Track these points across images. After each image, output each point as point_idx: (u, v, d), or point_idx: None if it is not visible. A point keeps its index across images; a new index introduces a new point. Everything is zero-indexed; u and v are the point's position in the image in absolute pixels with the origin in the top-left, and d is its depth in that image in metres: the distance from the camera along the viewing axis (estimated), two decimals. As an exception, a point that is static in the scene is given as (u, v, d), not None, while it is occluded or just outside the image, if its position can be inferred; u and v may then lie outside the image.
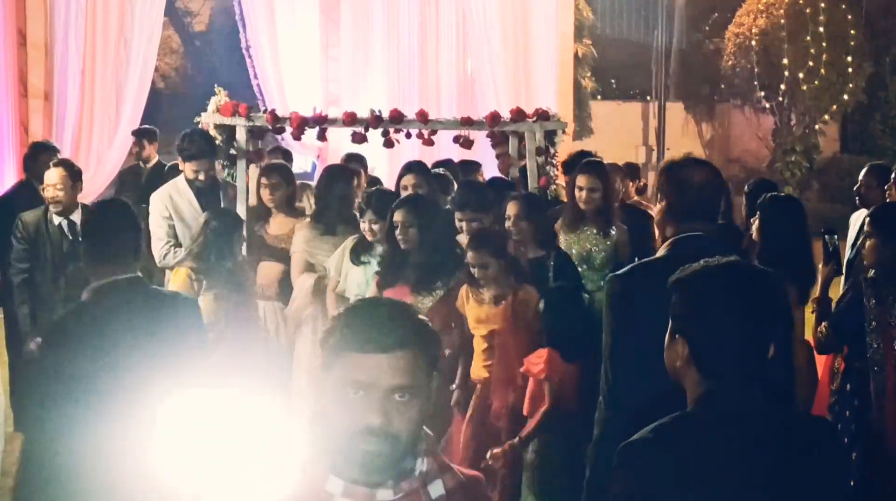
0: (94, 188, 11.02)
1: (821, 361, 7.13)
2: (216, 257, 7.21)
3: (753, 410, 3.18)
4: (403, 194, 8.92)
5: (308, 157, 14.18)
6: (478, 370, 6.83)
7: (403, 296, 6.47)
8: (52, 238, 7.92)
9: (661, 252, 4.46)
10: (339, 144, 9.55)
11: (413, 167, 8.81)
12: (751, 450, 3.10)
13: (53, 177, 7.94)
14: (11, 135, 12.29)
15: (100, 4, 13.05)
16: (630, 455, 3.18)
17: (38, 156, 9.81)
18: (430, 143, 9.03)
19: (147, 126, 12.53)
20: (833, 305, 6.70)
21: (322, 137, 9.11)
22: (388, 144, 8.79)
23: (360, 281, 7.34)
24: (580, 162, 8.31)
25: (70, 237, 7.96)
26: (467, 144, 9.16)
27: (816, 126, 20.90)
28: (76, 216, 7.97)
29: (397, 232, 6.94)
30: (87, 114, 12.95)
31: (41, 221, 7.91)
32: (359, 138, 8.76)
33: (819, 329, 6.64)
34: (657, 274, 4.15)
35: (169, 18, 24.38)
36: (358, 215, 7.53)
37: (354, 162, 9.31)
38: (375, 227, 7.27)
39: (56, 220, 7.95)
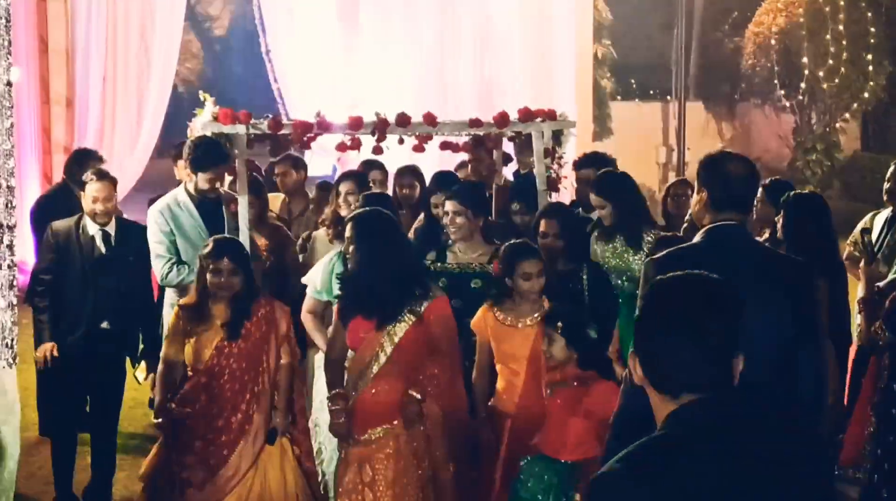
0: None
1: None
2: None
3: (726, 427, 2.92)
4: (401, 194, 8.91)
5: (329, 160, 14.20)
6: (509, 404, 6.27)
7: (373, 325, 5.87)
8: (83, 249, 7.44)
9: (697, 239, 4.71)
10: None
11: (411, 170, 8.92)
12: (727, 471, 2.86)
13: (103, 190, 7.45)
14: (34, 141, 12.35)
15: (120, 11, 13.12)
16: (603, 489, 2.92)
17: (84, 163, 9.83)
18: (420, 149, 8.53)
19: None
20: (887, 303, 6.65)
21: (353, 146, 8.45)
22: (376, 151, 8.34)
23: None
24: (589, 161, 8.40)
25: (104, 249, 7.50)
26: (456, 149, 9.04)
27: (837, 124, 20.85)
28: (111, 228, 7.54)
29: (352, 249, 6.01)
30: (108, 120, 13.01)
31: (73, 230, 7.46)
32: (343, 147, 8.39)
33: (873, 329, 6.61)
34: (692, 260, 4.42)
35: (189, 23, 24.47)
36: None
37: (374, 169, 8.98)
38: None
39: (91, 230, 7.47)
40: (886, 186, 7.74)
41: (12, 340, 3.15)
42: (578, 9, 15.78)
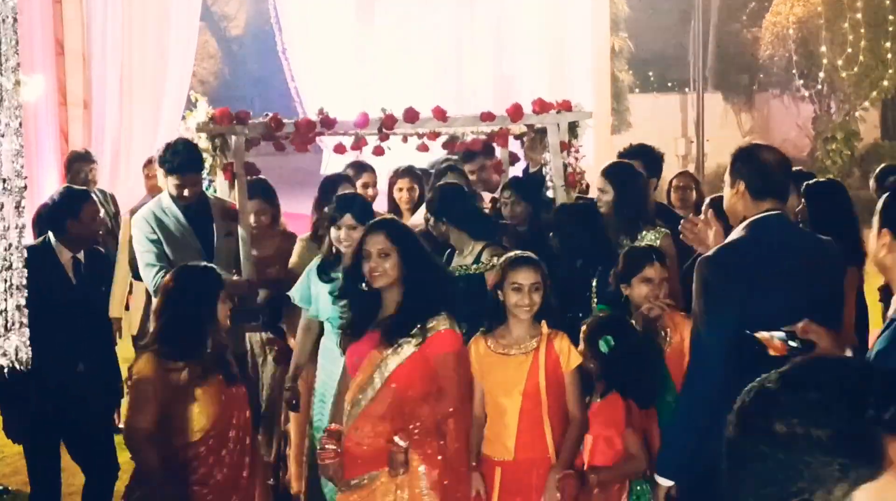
0: (132, 199, 11.04)
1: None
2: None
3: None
4: (398, 197, 8.35)
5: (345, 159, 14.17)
6: (499, 448, 5.50)
7: (368, 349, 5.27)
8: (53, 279, 6.52)
9: (740, 233, 4.73)
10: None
11: (409, 171, 8.40)
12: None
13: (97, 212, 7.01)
14: (51, 144, 12.38)
15: (136, 12, 13.12)
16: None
17: (71, 166, 9.88)
18: (425, 148, 8.29)
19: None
20: None
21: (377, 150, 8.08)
22: (377, 152, 7.94)
23: (327, 298, 6.21)
24: (634, 153, 7.81)
25: (74, 280, 6.71)
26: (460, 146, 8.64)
27: (856, 113, 20.76)
28: (81, 255, 6.78)
29: (370, 262, 5.23)
30: (126, 121, 13.03)
31: (43, 256, 6.46)
32: (342, 149, 8.09)
33: None
34: (744, 254, 4.51)
35: (205, 23, 24.50)
36: (326, 222, 6.51)
37: (365, 172, 8.39)
38: (355, 234, 5.98)
39: (63, 257, 6.65)
40: None
41: (24, 341, 3.15)
42: (595, 1, 15.75)
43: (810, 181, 7.27)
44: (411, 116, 7.76)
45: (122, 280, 8.57)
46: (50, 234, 6.66)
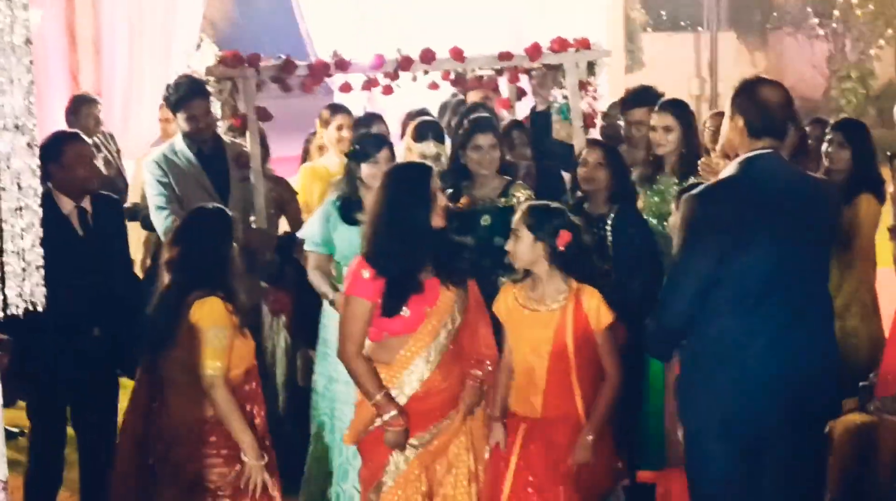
0: (143, 141, 10.95)
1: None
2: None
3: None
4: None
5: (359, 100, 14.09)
6: (527, 406, 5.46)
7: (436, 295, 5.20)
8: (58, 233, 5.51)
9: (733, 170, 4.67)
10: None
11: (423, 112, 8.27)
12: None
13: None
14: (62, 86, 12.32)
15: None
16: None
17: (78, 109, 9.74)
18: (435, 86, 8.18)
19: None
20: None
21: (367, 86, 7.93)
22: (386, 91, 7.76)
23: (352, 241, 6.07)
24: (640, 99, 7.62)
25: (81, 231, 6.20)
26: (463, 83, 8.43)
27: (872, 51, 20.62)
28: (87, 203, 6.27)
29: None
30: (136, 63, 12.93)
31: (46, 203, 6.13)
32: (348, 88, 7.92)
33: None
34: (733, 193, 4.50)
35: (215, -35, 24.36)
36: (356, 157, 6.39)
37: (336, 112, 8.23)
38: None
39: (65, 208, 6.15)
40: None
41: (40, 282, 3.15)
42: (607, -61, 15.60)
43: (837, 119, 7.40)
44: (428, 56, 7.63)
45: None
46: (49, 184, 5.92)
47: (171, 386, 5.33)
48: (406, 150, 7.23)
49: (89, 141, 7.09)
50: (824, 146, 7.39)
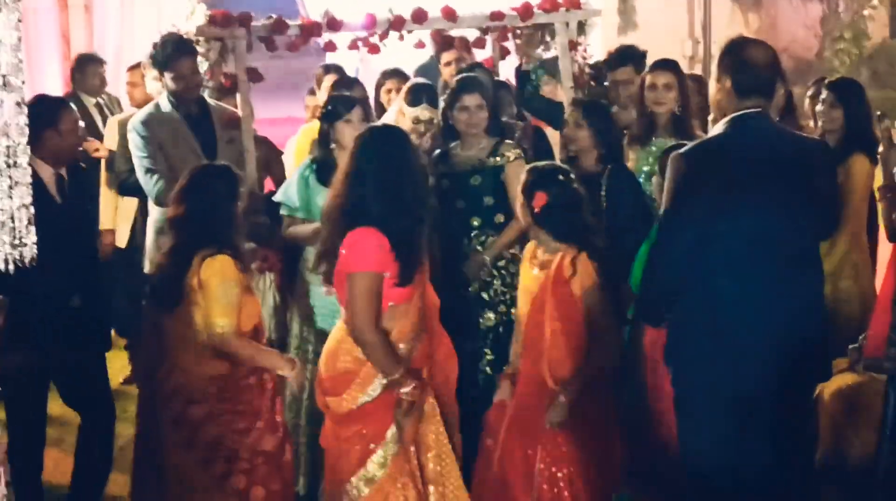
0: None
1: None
2: None
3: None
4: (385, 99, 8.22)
5: (351, 61, 14.02)
6: (520, 360, 5.72)
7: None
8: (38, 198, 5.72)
9: (720, 129, 4.73)
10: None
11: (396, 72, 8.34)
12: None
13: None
14: (53, 48, 12.23)
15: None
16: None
17: (84, 68, 9.65)
18: (422, 45, 8.33)
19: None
20: None
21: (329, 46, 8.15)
22: (373, 50, 7.80)
23: None
24: (624, 58, 7.76)
25: (59, 198, 6.02)
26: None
27: (865, 12, 20.52)
28: (64, 171, 6.12)
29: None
30: (128, 25, 12.85)
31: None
32: (333, 47, 8.07)
33: (895, 216, 6.59)
34: (721, 150, 4.51)
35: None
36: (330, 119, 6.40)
37: (395, 77, 8.39)
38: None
39: (44, 174, 5.92)
40: None
41: (31, 239, 3.15)
42: None
43: (831, 79, 7.35)
44: (420, 16, 7.64)
45: (109, 191, 8.31)
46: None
47: (181, 345, 5.36)
48: (398, 114, 7.19)
49: (93, 101, 7.01)
50: (818, 106, 7.39)
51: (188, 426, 5.31)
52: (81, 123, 6.53)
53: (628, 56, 7.77)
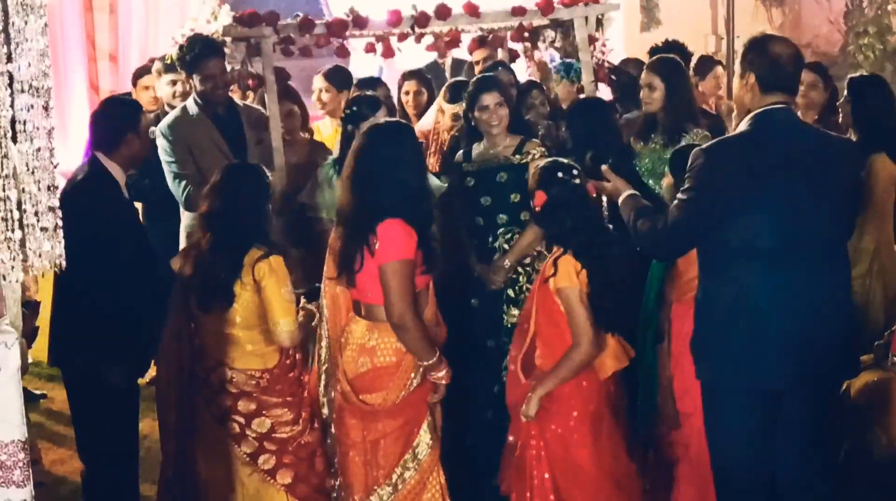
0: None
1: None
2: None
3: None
4: (405, 100, 8.29)
5: (374, 63, 14.02)
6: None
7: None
8: (122, 206, 5.90)
9: (745, 126, 4.74)
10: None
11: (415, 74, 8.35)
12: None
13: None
14: (79, 50, 12.30)
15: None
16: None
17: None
18: (457, 41, 8.32)
19: None
20: None
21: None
22: (387, 53, 7.83)
23: None
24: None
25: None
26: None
27: (889, 6, 20.45)
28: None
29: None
30: (152, 28, 12.91)
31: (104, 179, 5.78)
32: (371, 48, 7.93)
33: None
34: (744, 146, 4.52)
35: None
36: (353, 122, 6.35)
37: (414, 79, 8.41)
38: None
39: (118, 175, 5.90)
40: None
41: (59, 243, 3.16)
42: None
43: (853, 77, 7.32)
44: (443, 12, 7.71)
45: None
46: (99, 155, 5.75)
47: (230, 344, 5.39)
48: (437, 111, 7.33)
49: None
50: (840, 103, 7.37)
51: (237, 421, 5.37)
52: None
53: (670, 51, 7.97)
